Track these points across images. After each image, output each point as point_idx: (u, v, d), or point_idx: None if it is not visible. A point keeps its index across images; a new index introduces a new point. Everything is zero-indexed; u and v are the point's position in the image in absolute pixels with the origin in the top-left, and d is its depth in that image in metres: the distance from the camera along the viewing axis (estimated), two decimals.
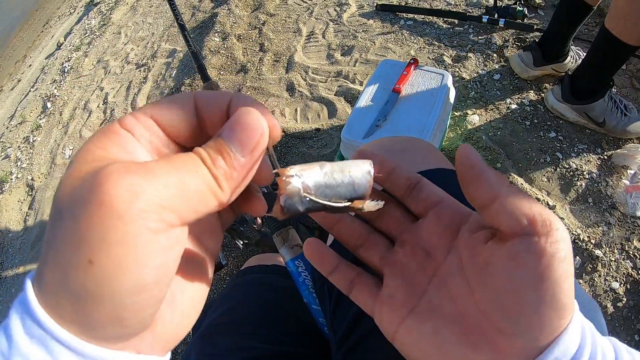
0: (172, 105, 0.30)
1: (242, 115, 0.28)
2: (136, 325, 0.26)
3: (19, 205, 2.65)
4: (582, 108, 1.64)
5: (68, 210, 0.24)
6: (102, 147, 0.27)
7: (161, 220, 0.24)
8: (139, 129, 0.29)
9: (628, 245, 1.44)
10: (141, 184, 0.24)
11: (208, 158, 0.27)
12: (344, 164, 0.33)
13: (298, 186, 0.30)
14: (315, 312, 0.78)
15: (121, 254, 0.23)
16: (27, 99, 3.62)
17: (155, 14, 3.57)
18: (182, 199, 0.25)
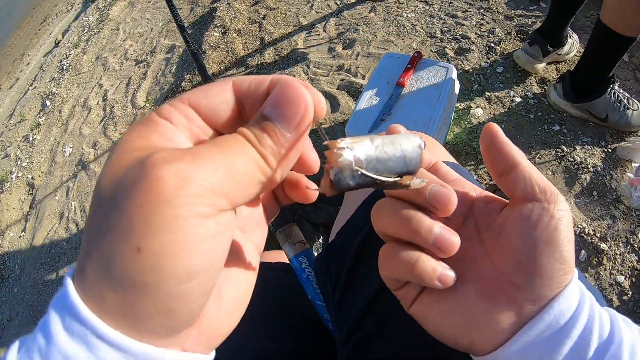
0: (209, 92, 0.29)
1: (284, 89, 0.27)
2: (184, 318, 0.25)
3: (20, 205, 2.65)
4: (584, 106, 1.63)
5: (112, 200, 0.24)
6: (142, 136, 0.26)
7: (212, 205, 0.24)
8: (177, 117, 0.28)
9: (633, 239, 1.43)
10: (189, 169, 0.23)
11: (254, 137, 0.26)
12: (394, 137, 0.32)
13: (350, 159, 0.29)
14: (319, 308, 0.77)
15: (170, 240, 0.22)
16: (26, 97, 3.61)
17: (153, 10, 3.56)
18: (232, 181, 0.25)
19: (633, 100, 1.64)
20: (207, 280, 0.25)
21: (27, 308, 2.10)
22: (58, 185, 2.57)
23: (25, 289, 2.19)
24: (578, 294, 0.34)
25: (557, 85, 1.71)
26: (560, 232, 0.33)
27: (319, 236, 1.52)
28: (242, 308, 0.33)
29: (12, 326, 2.09)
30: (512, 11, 2.17)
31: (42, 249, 2.29)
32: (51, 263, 2.20)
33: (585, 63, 1.59)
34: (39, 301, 2.09)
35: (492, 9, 2.21)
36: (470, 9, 2.25)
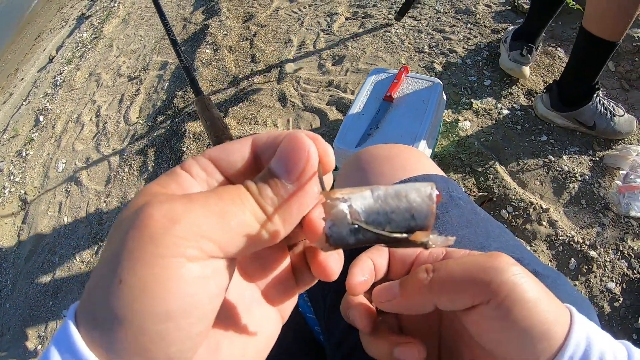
0: (229, 147, 0.30)
1: (288, 140, 0.27)
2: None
3: (12, 219, 2.64)
4: (572, 114, 1.65)
5: (114, 235, 0.24)
6: (161, 184, 0.27)
7: (198, 248, 0.24)
8: (196, 169, 0.29)
9: (622, 245, 1.45)
10: (180, 211, 0.23)
11: (255, 188, 0.27)
12: (400, 187, 0.29)
13: (345, 210, 0.27)
14: (310, 320, 0.78)
15: (150, 276, 0.22)
16: (20, 112, 3.61)
17: (146, 27, 3.58)
18: (224, 229, 0.25)
19: (619, 107, 1.66)
20: (187, 324, 0.24)
21: (18, 323, 2.09)
22: (50, 201, 2.57)
23: (17, 304, 2.17)
24: (582, 347, 0.30)
25: (543, 96, 1.74)
26: (517, 320, 0.30)
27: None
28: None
29: (3, 341, 2.08)
30: (499, 25, 2.21)
31: (34, 264, 2.28)
32: (43, 278, 2.19)
33: (571, 71, 1.62)
34: (31, 316, 2.08)
35: (479, 23, 2.25)
36: (457, 24, 2.29)
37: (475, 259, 0.33)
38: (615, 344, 0.32)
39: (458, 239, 0.57)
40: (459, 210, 0.62)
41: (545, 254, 1.47)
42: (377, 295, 0.38)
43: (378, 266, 0.41)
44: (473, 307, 0.32)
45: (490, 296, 0.31)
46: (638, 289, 1.37)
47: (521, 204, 1.57)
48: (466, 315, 0.33)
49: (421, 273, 0.35)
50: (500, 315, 0.30)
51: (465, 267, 0.33)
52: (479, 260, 0.33)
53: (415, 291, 0.35)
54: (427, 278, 0.34)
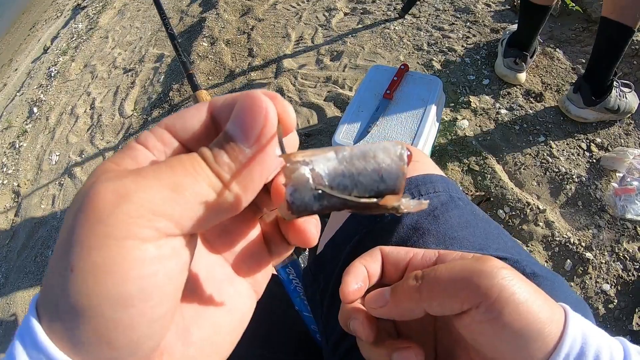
0: (185, 114, 0.28)
1: (243, 100, 0.25)
2: (128, 349, 0.23)
3: (5, 213, 2.61)
4: (602, 104, 1.67)
5: (66, 218, 0.23)
6: (115, 161, 0.25)
7: (152, 227, 0.22)
8: (152, 141, 0.26)
9: (618, 248, 1.45)
10: (129, 187, 0.22)
11: (210, 155, 0.25)
12: (367, 147, 0.27)
13: (306, 175, 0.25)
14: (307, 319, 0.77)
15: (102, 260, 0.21)
16: (13, 103, 3.57)
17: (142, 18, 3.55)
18: (178, 203, 0.23)
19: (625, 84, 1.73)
20: (147, 308, 0.23)
21: (11, 318, 2.07)
22: (44, 194, 2.55)
23: (9, 297, 2.15)
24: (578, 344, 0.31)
25: (572, 97, 1.73)
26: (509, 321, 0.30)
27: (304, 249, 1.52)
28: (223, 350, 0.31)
29: None
30: (498, 24, 2.20)
31: (27, 257, 2.26)
32: (36, 272, 2.17)
33: (599, 63, 1.64)
34: (23, 311, 2.06)
35: (478, 22, 2.24)
36: (456, 22, 2.28)
37: (464, 264, 0.33)
38: (611, 341, 0.32)
39: (457, 240, 0.57)
40: (459, 210, 0.61)
41: (541, 254, 1.48)
42: (369, 302, 0.38)
43: (371, 272, 0.41)
44: (464, 311, 0.32)
45: (480, 300, 0.31)
46: (633, 291, 1.38)
47: (518, 205, 1.57)
48: (458, 319, 0.33)
49: (411, 280, 0.35)
50: (491, 318, 0.30)
51: (454, 272, 0.33)
52: (467, 264, 0.33)
53: (405, 297, 0.35)
54: (416, 284, 0.34)
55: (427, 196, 0.62)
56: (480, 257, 0.34)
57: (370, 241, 0.60)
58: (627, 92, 1.69)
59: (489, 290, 0.30)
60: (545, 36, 2.08)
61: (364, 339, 0.38)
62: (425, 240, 0.57)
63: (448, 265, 0.34)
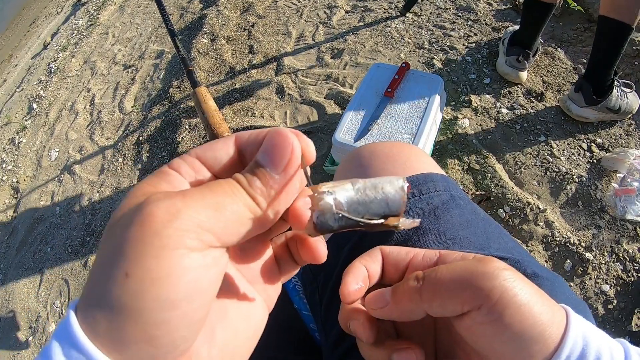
0: (214, 145, 0.32)
1: (272, 135, 0.30)
2: (167, 347, 0.26)
3: (4, 209, 2.61)
4: (604, 104, 1.67)
5: (112, 233, 0.26)
6: (151, 184, 0.29)
7: (198, 239, 0.25)
8: (185, 168, 0.30)
9: (618, 248, 1.45)
10: (179, 206, 0.25)
11: (244, 180, 0.29)
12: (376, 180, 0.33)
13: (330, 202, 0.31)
14: (306, 318, 0.77)
15: (156, 268, 0.24)
16: (13, 99, 3.57)
17: (143, 15, 3.55)
18: (220, 219, 0.26)
19: (625, 83, 1.72)
20: (190, 310, 0.26)
21: (9, 314, 2.07)
22: (43, 190, 2.54)
23: (7, 293, 2.15)
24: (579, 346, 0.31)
25: (574, 97, 1.73)
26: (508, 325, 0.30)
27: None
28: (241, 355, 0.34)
29: None
30: (500, 23, 2.20)
31: (25, 253, 2.26)
32: (34, 268, 2.17)
33: (599, 63, 1.64)
34: (22, 307, 2.06)
35: (479, 21, 2.24)
36: (458, 21, 2.28)
37: (465, 265, 0.34)
38: (612, 342, 0.32)
39: (458, 240, 0.57)
40: (460, 210, 0.61)
41: (541, 254, 1.47)
42: (369, 302, 0.38)
43: (372, 272, 0.42)
44: (465, 313, 0.32)
45: (481, 302, 0.31)
46: (632, 291, 1.37)
47: (518, 204, 1.57)
48: (459, 321, 0.33)
49: (412, 281, 0.36)
50: (492, 320, 0.31)
51: (456, 273, 0.33)
52: (469, 265, 0.33)
53: (406, 298, 0.35)
54: (417, 285, 0.35)
55: (427, 195, 0.62)
56: (482, 258, 0.34)
57: (370, 241, 0.60)
58: (628, 92, 1.69)
59: (490, 292, 0.31)
60: (547, 36, 2.07)
61: (364, 340, 0.38)
62: (426, 240, 0.57)
63: (449, 266, 0.34)
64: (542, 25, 1.80)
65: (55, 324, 1.92)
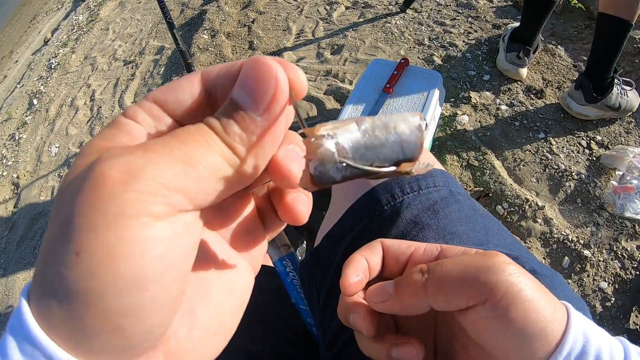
0: (175, 86, 0.26)
1: (250, 66, 0.24)
2: (139, 337, 0.22)
3: (4, 204, 2.61)
4: (604, 102, 1.67)
5: (62, 202, 0.21)
6: (106, 137, 0.24)
7: (166, 203, 0.21)
8: (142, 115, 0.25)
9: (616, 246, 1.45)
10: (138, 162, 0.20)
11: (219, 125, 0.23)
12: (388, 118, 0.27)
13: (332, 149, 0.24)
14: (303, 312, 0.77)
15: (113, 241, 0.20)
16: (13, 95, 3.57)
17: (143, 11, 3.54)
18: (191, 176, 0.22)
19: (625, 81, 1.73)
20: (161, 291, 0.21)
21: (9, 309, 2.07)
22: (43, 185, 2.54)
23: (8, 288, 2.16)
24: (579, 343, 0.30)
25: (574, 94, 1.73)
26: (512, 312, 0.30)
27: (303, 241, 1.52)
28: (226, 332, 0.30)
29: None
30: (500, 20, 2.19)
31: (25, 248, 2.27)
32: (34, 263, 2.17)
33: (599, 60, 1.65)
34: None
35: (480, 18, 2.23)
36: (458, 17, 2.27)
37: (471, 259, 0.33)
38: (611, 340, 0.32)
39: (457, 235, 0.56)
40: (459, 205, 0.61)
41: (539, 251, 1.47)
42: (371, 296, 0.37)
43: (372, 265, 0.41)
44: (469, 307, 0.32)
45: (486, 296, 0.30)
46: (630, 289, 1.38)
47: (517, 201, 1.57)
48: (463, 315, 0.33)
49: (416, 274, 0.34)
50: (497, 315, 0.30)
51: (462, 267, 0.32)
52: (475, 260, 0.32)
53: (410, 292, 0.34)
54: (422, 279, 0.34)
55: (426, 190, 0.62)
56: (486, 253, 0.33)
57: (369, 235, 0.60)
58: (629, 90, 1.69)
59: (495, 286, 0.30)
60: (547, 33, 2.07)
61: (364, 333, 0.37)
62: (424, 235, 0.56)
63: (454, 260, 0.34)
64: (543, 22, 1.80)
65: None
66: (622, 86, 1.68)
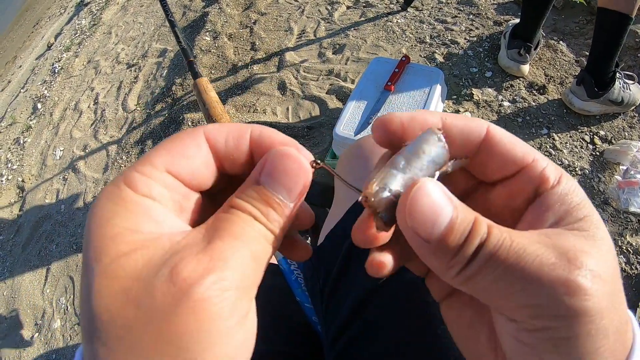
0: (184, 152, 0.27)
1: (280, 158, 0.26)
2: None
3: (10, 207, 2.63)
4: (607, 96, 1.67)
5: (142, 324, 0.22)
6: (130, 227, 0.24)
7: (250, 300, 0.25)
8: (157, 189, 0.26)
9: (621, 241, 1.44)
10: (227, 277, 0.23)
11: (259, 213, 0.25)
12: (414, 146, 0.28)
13: (389, 196, 0.27)
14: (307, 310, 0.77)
15: (226, 353, 0.23)
16: (17, 100, 3.59)
17: (145, 14, 3.56)
18: (259, 269, 0.25)
19: (628, 75, 1.72)
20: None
21: (15, 312, 2.09)
22: (48, 188, 2.56)
23: (14, 290, 2.17)
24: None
25: (576, 90, 1.72)
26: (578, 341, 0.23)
27: (307, 238, 1.52)
28: None
29: (0, 329, 2.08)
30: (501, 17, 2.19)
31: (31, 251, 2.28)
32: (40, 265, 2.18)
33: (600, 55, 1.64)
34: (28, 305, 2.07)
35: (481, 15, 2.23)
36: (459, 15, 2.27)
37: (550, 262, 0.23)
38: None
39: None
40: None
41: None
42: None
43: None
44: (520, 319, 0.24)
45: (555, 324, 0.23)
46: (636, 284, 1.37)
47: None
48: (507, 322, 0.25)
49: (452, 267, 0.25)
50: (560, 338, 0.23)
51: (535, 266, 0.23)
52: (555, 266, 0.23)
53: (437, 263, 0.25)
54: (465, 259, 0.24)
55: None
56: (570, 260, 0.23)
57: None
58: (631, 84, 1.68)
59: (571, 314, 0.23)
60: (549, 29, 2.07)
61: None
62: None
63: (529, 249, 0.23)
64: (543, 18, 1.80)
65: (61, 320, 1.94)
66: (624, 80, 1.67)
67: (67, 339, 1.86)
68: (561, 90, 1.84)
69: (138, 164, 0.26)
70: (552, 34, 2.05)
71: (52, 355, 1.84)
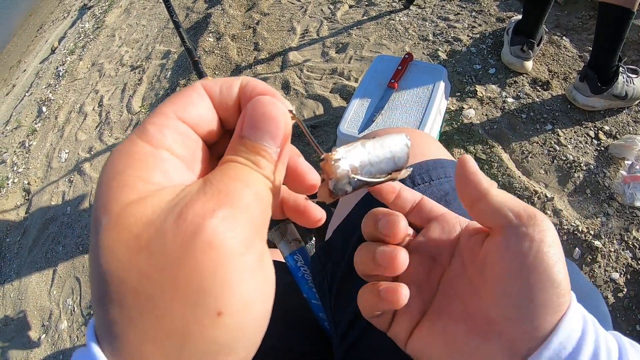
0: (190, 99, 0.28)
1: (258, 107, 0.28)
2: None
3: (16, 210, 2.64)
4: (610, 91, 1.66)
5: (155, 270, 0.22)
6: (141, 177, 0.24)
7: (263, 240, 0.26)
8: (171, 136, 0.27)
9: (627, 236, 1.44)
10: (233, 212, 0.24)
11: (250, 162, 0.27)
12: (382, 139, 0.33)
13: (347, 168, 0.30)
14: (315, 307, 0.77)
15: (247, 292, 0.23)
16: (22, 103, 3.61)
17: (149, 16, 3.57)
18: (267, 211, 0.27)
19: (631, 69, 1.71)
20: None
21: (22, 313, 2.10)
22: (54, 191, 2.57)
23: (20, 292, 2.18)
24: (580, 321, 0.31)
25: (579, 86, 1.72)
26: (544, 254, 0.30)
27: (311, 237, 1.53)
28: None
29: (7, 331, 2.09)
30: (504, 13, 2.19)
31: (37, 253, 2.29)
32: (46, 267, 2.20)
33: (603, 50, 1.63)
34: (35, 306, 2.08)
35: (483, 12, 2.23)
36: (462, 12, 2.27)
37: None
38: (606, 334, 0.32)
39: None
40: None
41: None
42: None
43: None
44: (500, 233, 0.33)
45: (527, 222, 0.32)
46: None
47: (525, 193, 1.56)
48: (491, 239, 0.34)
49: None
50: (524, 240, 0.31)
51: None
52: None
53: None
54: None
55: (438, 181, 0.61)
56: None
57: None
58: (635, 78, 1.67)
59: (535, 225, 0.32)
60: (552, 24, 2.06)
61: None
62: None
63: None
64: (544, 14, 1.80)
65: (67, 321, 1.95)
66: (627, 74, 1.67)
67: (74, 340, 1.87)
68: (565, 86, 1.84)
69: (150, 117, 0.27)
70: (555, 29, 2.05)
71: (59, 356, 1.85)
